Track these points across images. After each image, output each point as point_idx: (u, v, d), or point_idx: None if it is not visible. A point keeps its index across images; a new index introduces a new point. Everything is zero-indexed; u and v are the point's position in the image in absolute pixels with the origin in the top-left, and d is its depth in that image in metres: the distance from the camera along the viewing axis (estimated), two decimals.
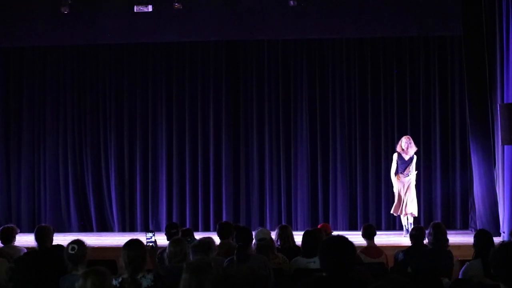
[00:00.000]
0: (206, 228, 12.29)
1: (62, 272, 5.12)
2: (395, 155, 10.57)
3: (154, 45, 12.58)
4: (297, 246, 6.78)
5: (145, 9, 11.31)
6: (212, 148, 12.54)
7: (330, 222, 11.71)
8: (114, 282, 4.67)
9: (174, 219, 12.00)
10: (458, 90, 11.98)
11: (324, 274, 3.76)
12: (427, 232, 6.50)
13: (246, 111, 12.55)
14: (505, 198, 9.69)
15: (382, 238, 9.76)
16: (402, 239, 10.01)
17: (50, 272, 5.16)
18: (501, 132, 9.26)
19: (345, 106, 12.38)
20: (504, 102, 9.56)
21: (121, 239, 7.06)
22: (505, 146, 9.55)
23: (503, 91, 9.77)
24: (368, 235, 7.15)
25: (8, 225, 7.29)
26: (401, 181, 10.46)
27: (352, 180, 12.35)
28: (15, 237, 7.04)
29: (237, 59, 12.64)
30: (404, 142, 10.52)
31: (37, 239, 6.48)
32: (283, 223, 9.86)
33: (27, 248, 7.06)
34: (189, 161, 12.56)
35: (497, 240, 7.06)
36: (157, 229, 11.48)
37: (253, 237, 6.50)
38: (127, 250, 4.73)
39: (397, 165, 10.50)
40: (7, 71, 12.82)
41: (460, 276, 5.49)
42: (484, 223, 10.19)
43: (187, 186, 12.54)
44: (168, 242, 5.65)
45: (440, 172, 12.13)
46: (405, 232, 10.33)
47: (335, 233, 5.04)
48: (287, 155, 12.43)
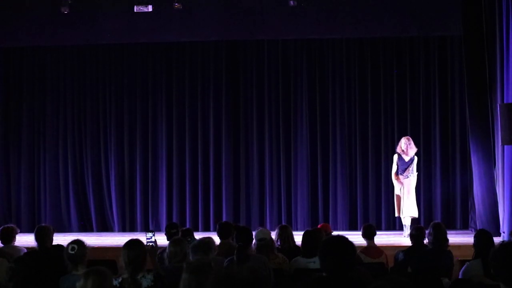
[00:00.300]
0: (206, 228, 12.29)
1: (62, 272, 5.12)
2: (395, 156, 10.55)
3: (154, 45, 12.59)
4: (297, 246, 6.78)
5: (145, 9, 11.32)
6: (212, 148, 12.54)
7: (330, 222, 11.72)
8: (114, 282, 4.67)
9: (174, 219, 12.00)
10: (458, 90, 11.98)
11: (324, 274, 3.77)
12: (427, 232, 6.50)
13: (246, 111, 12.55)
14: (505, 198, 9.68)
15: (382, 238, 9.76)
16: (402, 239, 10.01)
17: (50, 272, 5.16)
18: (501, 132, 9.26)
19: (345, 106, 12.38)
20: (504, 102, 9.56)
21: (121, 239, 7.06)
22: (505, 146, 9.55)
23: (503, 91, 9.77)
24: (368, 235, 7.16)
25: (8, 225, 7.29)
26: (401, 182, 10.44)
27: (352, 180, 12.35)
28: (15, 237, 7.04)
29: (237, 59, 12.64)
30: (404, 143, 10.49)
31: (37, 239, 6.48)
32: (283, 223, 9.86)
33: (27, 248, 7.06)
34: (189, 161, 12.56)
35: (497, 240, 7.06)
36: (157, 229, 11.49)
37: (253, 237, 6.50)
38: (127, 250, 4.74)
39: (397, 166, 10.48)
40: (7, 71, 12.82)
41: (460, 276, 5.48)
42: (484, 223, 10.19)
43: (187, 186, 12.54)
44: (168, 242, 5.64)
45: (440, 172, 12.13)
46: (406, 232, 10.32)
47: (335, 233, 5.04)
48: (287, 155, 12.43)
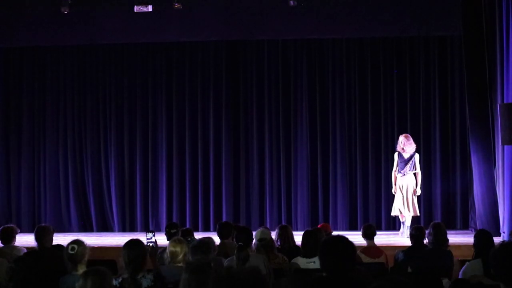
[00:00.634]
0: (206, 228, 12.29)
1: (62, 272, 5.12)
2: (396, 154, 10.55)
3: (154, 45, 12.58)
4: (297, 246, 6.78)
5: (145, 9, 11.31)
6: (212, 148, 12.54)
7: (330, 222, 11.71)
8: (114, 282, 4.67)
9: (174, 219, 11.99)
10: (458, 90, 11.97)
11: (324, 274, 3.77)
12: (427, 232, 6.50)
13: (246, 111, 12.55)
14: (505, 198, 9.68)
15: (382, 238, 9.76)
16: (402, 239, 10.00)
17: (50, 272, 5.17)
18: (501, 132, 9.25)
19: (345, 106, 12.38)
20: (504, 102, 9.55)
21: (121, 239, 7.07)
22: (505, 146, 9.54)
23: (503, 91, 9.77)
24: (368, 235, 7.16)
25: (8, 225, 7.28)
26: (399, 181, 10.42)
27: (352, 180, 12.34)
28: (15, 237, 7.04)
29: (237, 59, 12.64)
30: (401, 141, 10.48)
31: (37, 239, 6.48)
32: (283, 223, 9.86)
33: (27, 248, 7.06)
34: (189, 161, 12.56)
35: (497, 240, 7.06)
36: (157, 229, 11.48)
37: (253, 237, 6.50)
38: (127, 250, 4.74)
39: (397, 164, 10.47)
40: (7, 71, 12.82)
41: (460, 276, 5.48)
42: (484, 223, 10.18)
43: (187, 186, 12.54)
44: (168, 242, 5.65)
45: (440, 172, 12.12)
46: (405, 231, 10.32)
47: (335, 233, 5.04)
48: (287, 155, 12.43)
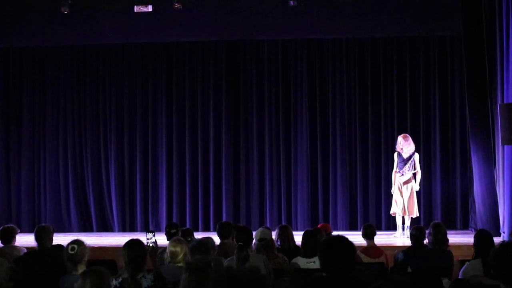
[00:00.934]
0: (206, 228, 12.29)
1: (62, 272, 5.12)
2: (395, 154, 10.54)
3: (154, 45, 12.58)
4: (297, 246, 6.78)
5: (145, 9, 11.31)
6: (212, 148, 12.54)
7: (330, 222, 11.71)
8: (114, 282, 4.67)
9: (174, 219, 12.00)
10: (458, 90, 11.97)
11: (324, 274, 3.76)
12: (427, 232, 6.50)
13: (246, 111, 12.55)
14: (505, 198, 9.68)
15: (382, 238, 9.76)
16: (402, 239, 9.99)
17: (50, 272, 5.16)
18: (501, 132, 9.25)
19: (345, 106, 12.38)
20: (504, 102, 9.55)
21: (121, 239, 7.07)
22: (505, 146, 9.54)
23: (503, 91, 9.77)
24: (368, 235, 7.16)
25: (8, 225, 7.28)
26: (398, 180, 10.40)
27: (352, 180, 12.34)
28: (15, 237, 7.04)
29: (237, 59, 12.64)
30: (399, 141, 10.47)
31: (37, 239, 6.48)
32: (283, 223, 9.86)
33: (27, 248, 7.06)
34: (189, 161, 12.56)
35: (497, 240, 7.06)
36: (157, 229, 11.48)
37: (253, 237, 6.50)
38: (127, 250, 4.74)
39: (397, 164, 10.46)
40: (7, 71, 12.82)
41: (460, 276, 5.48)
42: (484, 223, 10.18)
43: (187, 186, 12.54)
44: (168, 242, 5.65)
45: (440, 172, 12.12)
46: (399, 232, 10.32)
47: (335, 233, 5.04)
48: (287, 155, 12.43)
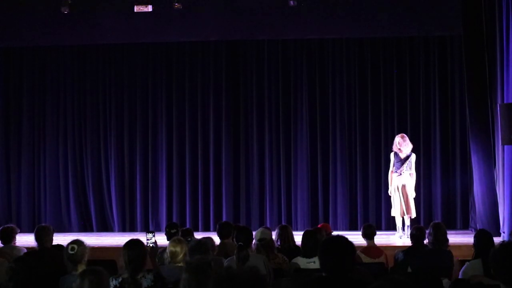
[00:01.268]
0: (206, 228, 12.28)
1: (62, 272, 5.13)
2: (392, 154, 10.52)
3: (154, 45, 12.58)
4: (297, 246, 6.78)
5: (145, 9, 11.31)
6: (212, 148, 12.54)
7: (330, 222, 11.71)
8: (114, 282, 4.68)
9: (174, 219, 11.99)
10: (458, 90, 11.97)
11: (324, 274, 3.77)
12: (427, 232, 6.50)
13: (246, 111, 12.54)
14: (505, 198, 9.68)
15: (382, 238, 9.76)
16: (403, 239, 9.99)
17: (50, 272, 5.17)
18: (501, 132, 9.26)
19: (345, 106, 12.37)
20: (504, 102, 9.55)
21: (121, 239, 7.08)
22: (505, 146, 9.54)
23: (503, 91, 9.77)
24: (368, 235, 7.16)
25: (8, 225, 7.28)
26: (395, 181, 10.38)
27: (352, 180, 12.34)
28: (15, 237, 7.04)
29: (237, 59, 12.63)
30: (398, 142, 10.46)
31: (37, 239, 6.48)
32: (283, 223, 9.86)
33: (27, 248, 7.06)
34: (189, 161, 12.56)
35: (497, 240, 7.05)
36: (157, 229, 11.49)
37: (253, 237, 6.50)
38: (127, 250, 4.74)
39: (393, 164, 10.44)
40: (7, 71, 12.82)
41: (460, 276, 5.48)
42: (484, 223, 10.18)
43: (187, 186, 12.54)
44: (168, 242, 5.65)
45: (440, 172, 12.12)
46: (399, 233, 10.32)
47: (335, 233, 5.04)
48: (287, 155, 12.43)
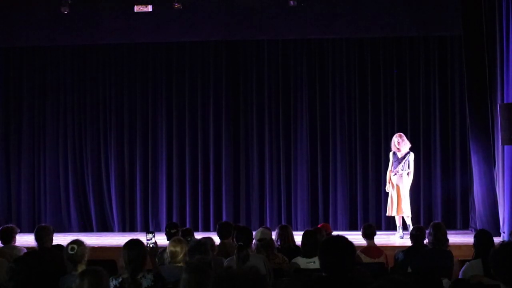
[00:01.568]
0: (206, 228, 12.28)
1: (62, 272, 5.13)
2: (391, 154, 10.54)
3: (154, 45, 12.58)
4: (297, 246, 6.78)
5: (145, 9, 11.32)
6: (212, 148, 12.54)
7: (330, 222, 11.71)
8: (114, 282, 4.68)
9: (174, 219, 11.99)
10: (458, 90, 11.97)
11: (324, 274, 3.77)
12: (427, 232, 6.50)
13: (246, 111, 12.54)
14: (505, 198, 9.68)
15: (382, 238, 9.76)
16: (403, 239, 9.99)
17: (50, 272, 5.17)
18: (501, 132, 9.25)
19: (345, 106, 12.37)
20: (504, 102, 9.55)
21: (121, 239, 7.07)
22: (505, 146, 9.54)
23: (503, 91, 9.77)
24: (368, 235, 7.16)
25: (8, 225, 7.29)
26: (393, 180, 10.38)
27: (352, 180, 12.34)
28: (15, 237, 7.04)
29: (237, 59, 12.63)
30: (396, 141, 10.46)
31: (37, 239, 6.48)
32: (283, 223, 9.86)
33: (27, 248, 7.06)
34: (189, 161, 12.55)
35: (497, 240, 7.06)
36: (157, 229, 11.50)
37: (253, 237, 6.50)
38: (127, 250, 4.74)
39: (392, 164, 10.45)
40: (7, 71, 12.82)
41: (460, 276, 5.48)
42: (484, 223, 10.18)
43: (187, 186, 12.54)
44: (168, 242, 5.65)
45: (440, 172, 12.11)
46: (399, 233, 10.32)
47: (335, 233, 5.04)
48: (287, 155, 12.43)
